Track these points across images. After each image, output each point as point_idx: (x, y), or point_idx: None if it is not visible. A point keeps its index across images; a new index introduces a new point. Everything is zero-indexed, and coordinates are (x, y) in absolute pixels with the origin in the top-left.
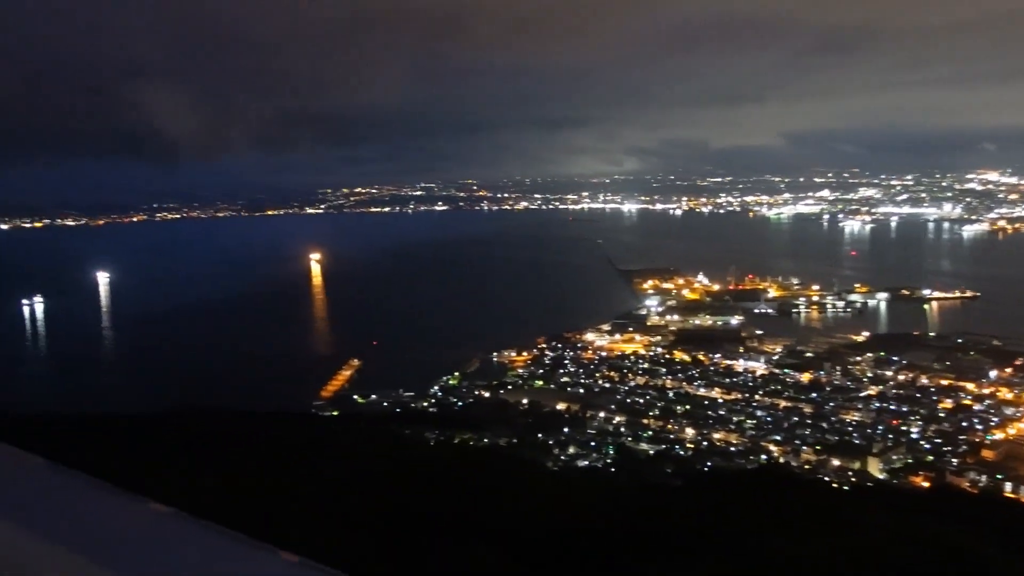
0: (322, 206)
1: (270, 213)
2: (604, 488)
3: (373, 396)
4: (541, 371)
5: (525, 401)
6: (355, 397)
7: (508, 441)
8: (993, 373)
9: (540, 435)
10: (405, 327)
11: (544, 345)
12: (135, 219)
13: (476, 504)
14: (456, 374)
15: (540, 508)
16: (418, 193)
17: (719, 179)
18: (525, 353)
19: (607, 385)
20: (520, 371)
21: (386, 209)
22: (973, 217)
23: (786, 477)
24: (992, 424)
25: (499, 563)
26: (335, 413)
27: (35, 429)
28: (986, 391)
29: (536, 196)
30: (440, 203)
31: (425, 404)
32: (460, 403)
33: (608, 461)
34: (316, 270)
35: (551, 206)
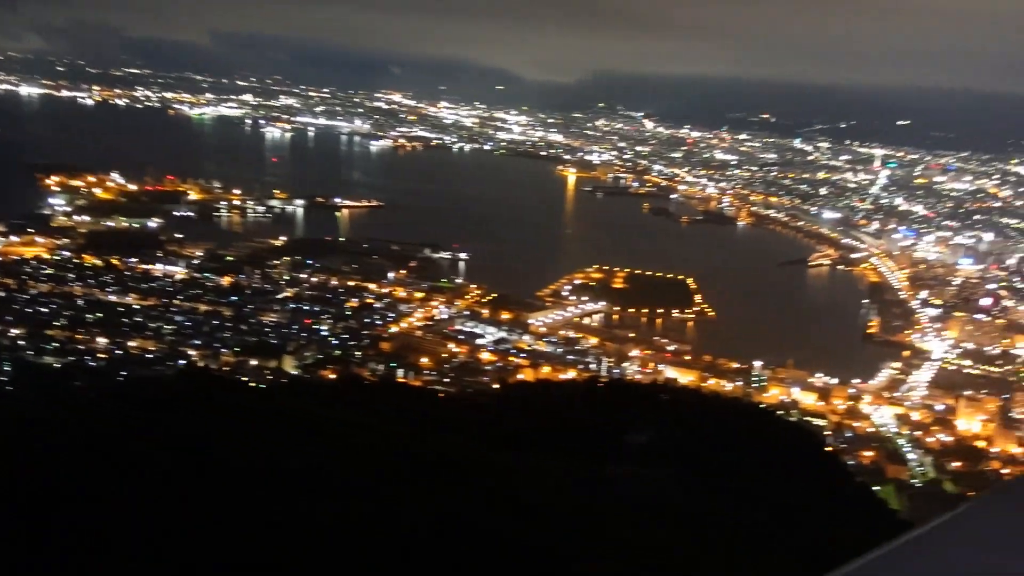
0: None
1: None
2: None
3: None
4: None
5: None
6: None
7: None
8: (391, 275)
9: None
10: None
11: None
12: None
13: None
14: None
15: None
16: None
17: (137, 71)
18: None
19: (2, 294)
20: None
21: None
22: (380, 133)
23: (214, 381)
24: (389, 319)
25: None
26: None
27: None
28: (385, 291)
29: None
30: None
31: None
32: None
33: (4, 379)
34: None
35: None
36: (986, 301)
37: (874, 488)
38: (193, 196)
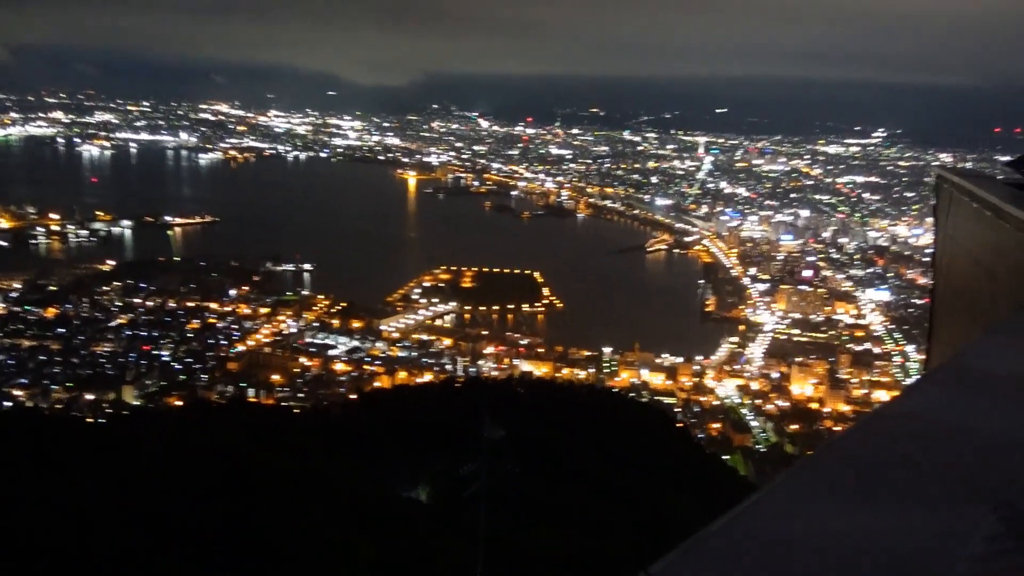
0: None
1: None
2: None
3: None
4: None
5: None
6: None
7: None
8: (233, 291)
9: None
10: None
11: None
12: None
13: None
14: None
15: None
16: None
17: None
18: None
19: None
20: None
21: None
22: (208, 146)
23: (37, 420)
24: (235, 338)
25: None
26: None
27: None
28: (228, 308)
29: None
30: None
31: None
32: None
33: None
34: None
35: None
36: (807, 273)
37: (724, 457)
38: (3, 224)
